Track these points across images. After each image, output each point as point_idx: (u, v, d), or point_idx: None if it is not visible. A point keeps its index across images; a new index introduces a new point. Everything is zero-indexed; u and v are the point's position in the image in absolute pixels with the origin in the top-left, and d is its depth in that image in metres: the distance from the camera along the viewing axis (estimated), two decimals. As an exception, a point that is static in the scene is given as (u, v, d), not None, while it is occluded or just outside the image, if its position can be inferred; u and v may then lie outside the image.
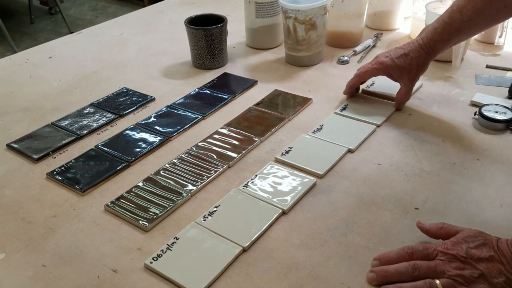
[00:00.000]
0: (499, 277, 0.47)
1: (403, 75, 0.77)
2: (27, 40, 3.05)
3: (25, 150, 0.74)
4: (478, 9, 0.69)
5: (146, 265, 0.54)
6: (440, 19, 0.74)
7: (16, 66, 1.02)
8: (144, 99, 0.87)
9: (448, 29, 0.72)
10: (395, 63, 0.76)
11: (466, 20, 0.70)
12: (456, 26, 0.72)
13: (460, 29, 0.72)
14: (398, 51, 0.77)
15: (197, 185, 0.66)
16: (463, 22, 0.71)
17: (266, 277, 0.53)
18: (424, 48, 0.75)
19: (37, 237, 0.59)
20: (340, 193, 0.64)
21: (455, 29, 0.72)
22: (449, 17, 0.72)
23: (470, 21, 0.70)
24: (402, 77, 0.77)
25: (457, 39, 0.75)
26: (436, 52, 0.75)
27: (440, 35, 0.73)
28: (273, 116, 0.80)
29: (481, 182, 0.65)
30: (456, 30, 0.72)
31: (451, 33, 0.73)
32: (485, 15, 0.70)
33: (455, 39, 0.74)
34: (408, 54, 0.76)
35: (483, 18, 0.70)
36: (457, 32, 0.72)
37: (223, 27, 0.94)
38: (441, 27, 0.73)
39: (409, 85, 0.78)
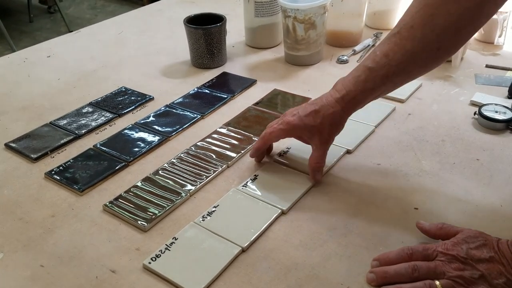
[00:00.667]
0: (499, 278, 0.47)
1: (314, 136, 0.64)
2: (26, 39, 3.05)
3: (23, 149, 0.74)
4: (408, 51, 0.58)
5: (145, 266, 0.54)
6: (361, 67, 0.62)
7: (15, 65, 1.02)
8: (143, 99, 0.87)
9: (373, 76, 0.60)
10: (303, 122, 0.63)
11: (394, 64, 0.59)
12: (382, 72, 0.60)
13: (387, 76, 0.60)
14: (307, 108, 0.64)
15: (196, 185, 0.65)
16: (391, 67, 0.59)
17: (265, 277, 0.53)
18: (340, 102, 0.62)
19: (35, 237, 0.59)
20: (339, 193, 0.64)
21: (381, 76, 0.60)
22: (373, 62, 0.60)
23: (399, 65, 0.59)
24: (312, 139, 0.64)
25: (382, 90, 0.62)
26: (355, 107, 0.63)
27: (364, 83, 0.61)
28: (272, 116, 0.80)
29: (480, 182, 0.65)
30: (383, 77, 0.60)
31: (375, 81, 0.60)
32: (416, 58, 0.59)
33: (380, 89, 0.61)
34: (319, 111, 0.63)
35: (413, 62, 0.59)
36: (383, 80, 0.60)
37: (222, 26, 0.94)
38: (364, 74, 0.61)
39: (321, 148, 0.64)
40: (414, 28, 0.58)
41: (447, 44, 0.59)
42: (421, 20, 0.57)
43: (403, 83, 0.63)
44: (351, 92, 0.62)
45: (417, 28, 0.57)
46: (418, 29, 0.57)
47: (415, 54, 0.59)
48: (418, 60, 0.59)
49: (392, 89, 0.63)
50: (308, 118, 0.63)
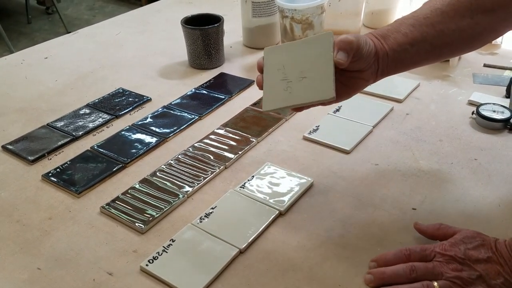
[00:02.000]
0: (497, 278, 0.47)
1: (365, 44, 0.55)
2: (24, 40, 3.05)
3: (20, 151, 0.74)
4: (437, 9, 0.57)
5: (142, 268, 0.54)
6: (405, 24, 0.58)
7: (12, 67, 1.01)
8: (140, 100, 0.87)
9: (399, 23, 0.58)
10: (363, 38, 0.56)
11: (421, 17, 0.57)
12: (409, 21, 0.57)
13: (413, 25, 0.57)
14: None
15: (194, 186, 0.65)
16: (418, 19, 0.57)
17: (263, 279, 0.52)
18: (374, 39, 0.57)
19: (32, 240, 0.59)
20: (337, 194, 0.64)
21: (408, 24, 0.57)
22: (402, 17, 0.59)
23: (427, 19, 0.57)
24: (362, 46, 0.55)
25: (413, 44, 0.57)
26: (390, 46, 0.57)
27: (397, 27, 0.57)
28: (270, 117, 0.80)
29: (478, 182, 0.65)
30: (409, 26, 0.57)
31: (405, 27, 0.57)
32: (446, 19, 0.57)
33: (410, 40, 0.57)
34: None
35: (443, 23, 0.57)
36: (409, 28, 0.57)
37: (219, 27, 0.94)
38: (392, 24, 0.58)
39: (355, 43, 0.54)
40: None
41: (480, 16, 0.57)
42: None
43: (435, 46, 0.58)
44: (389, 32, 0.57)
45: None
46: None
47: (445, 14, 0.56)
48: (449, 22, 0.57)
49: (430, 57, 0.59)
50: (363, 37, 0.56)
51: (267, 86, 0.56)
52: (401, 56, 0.57)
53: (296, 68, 0.55)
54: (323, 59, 0.54)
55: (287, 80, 0.55)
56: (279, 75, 0.56)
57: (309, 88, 0.54)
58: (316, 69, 0.54)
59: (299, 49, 0.56)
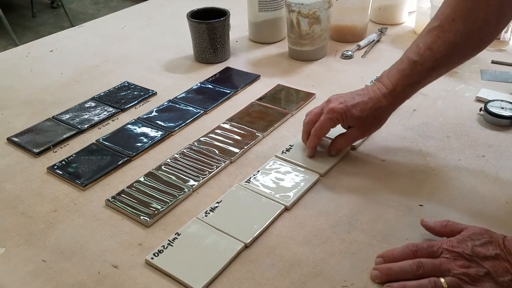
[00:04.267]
0: (505, 275, 0.46)
1: (355, 126, 0.65)
2: (29, 33, 3.05)
3: (25, 144, 0.73)
4: (451, 43, 0.59)
5: (147, 261, 0.54)
6: (405, 60, 0.62)
7: (17, 60, 1.01)
8: (145, 93, 0.87)
9: (418, 69, 0.61)
10: (350, 112, 0.63)
11: (439, 57, 0.60)
12: (428, 65, 0.60)
13: (433, 68, 0.61)
14: (355, 98, 0.63)
15: (199, 180, 0.65)
16: (436, 59, 0.60)
17: (268, 273, 0.52)
18: (387, 97, 0.62)
19: (37, 232, 0.58)
20: (343, 190, 0.63)
21: (427, 68, 0.61)
22: (417, 55, 0.61)
23: (443, 57, 0.60)
24: (353, 127, 0.65)
25: (427, 82, 0.63)
26: (401, 101, 0.64)
27: (410, 77, 0.61)
28: (275, 111, 0.80)
29: (486, 179, 0.64)
30: (429, 70, 0.61)
31: (422, 74, 0.61)
32: (459, 50, 0.60)
33: (425, 81, 0.62)
34: (368, 102, 0.63)
35: (457, 53, 0.61)
36: (429, 72, 0.61)
37: (225, 21, 0.93)
38: (409, 68, 0.61)
39: (353, 137, 0.66)
40: (456, 21, 0.59)
41: (488, 35, 0.60)
42: (462, 13, 0.59)
43: (445, 73, 0.64)
44: (399, 86, 0.62)
45: (458, 22, 0.59)
46: (460, 22, 0.59)
47: (459, 46, 0.60)
48: (462, 51, 0.61)
49: (433, 80, 0.64)
50: (355, 109, 0.63)
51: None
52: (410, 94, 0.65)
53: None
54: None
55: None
56: None
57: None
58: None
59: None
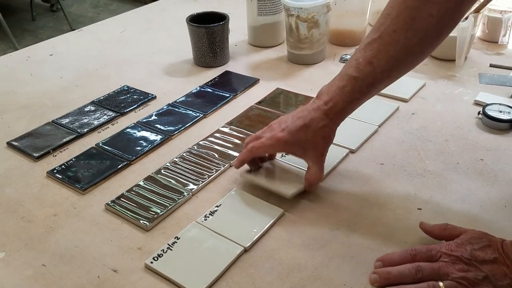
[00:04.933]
0: (503, 279, 0.47)
1: (307, 151, 0.61)
2: (29, 37, 3.05)
3: (25, 148, 0.74)
4: (392, 57, 0.57)
5: (147, 265, 0.54)
6: (344, 76, 0.60)
7: (17, 64, 1.02)
8: (145, 97, 0.87)
9: (359, 85, 0.58)
10: (294, 137, 0.60)
11: (379, 72, 0.58)
12: (368, 81, 0.58)
13: (373, 84, 0.59)
14: (296, 123, 0.61)
15: (198, 184, 0.65)
16: (376, 74, 0.58)
17: (267, 277, 0.52)
18: (329, 115, 0.60)
19: (37, 236, 0.59)
20: (342, 193, 0.63)
21: (367, 84, 0.58)
22: (357, 71, 0.58)
23: (384, 73, 0.58)
24: (307, 154, 0.62)
25: (367, 98, 0.61)
26: (343, 117, 0.61)
27: (350, 94, 0.59)
28: (275, 115, 0.80)
29: (484, 183, 0.64)
30: (369, 86, 0.59)
31: (362, 90, 0.59)
32: (399, 64, 0.58)
33: (366, 97, 0.60)
34: (309, 125, 0.60)
35: (396, 68, 0.59)
36: (369, 88, 0.59)
37: (225, 25, 0.94)
38: (349, 85, 0.59)
39: (317, 162, 0.62)
40: (397, 32, 0.56)
41: (429, 47, 0.58)
42: (403, 24, 0.56)
43: (384, 88, 0.62)
44: (339, 103, 0.59)
45: (400, 33, 0.56)
46: (401, 33, 0.56)
47: (399, 60, 0.57)
48: (402, 65, 0.59)
49: (372, 96, 0.62)
50: (299, 134, 0.60)
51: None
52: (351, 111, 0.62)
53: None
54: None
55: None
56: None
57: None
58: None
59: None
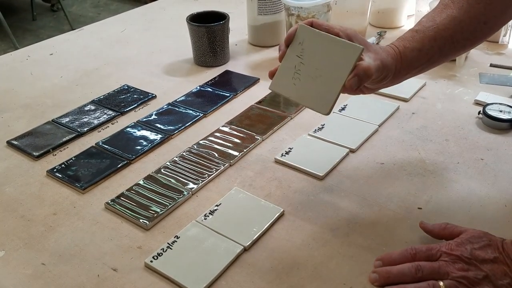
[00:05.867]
0: (503, 279, 0.47)
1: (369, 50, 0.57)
2: (29, 37, 3.05)
3: (25, 147, 0.74)
4: (455, 18, 0.58)
5: (147, 264, 0.54)
6: (408, 31, 0.61)
7: (17, 63, 1.02)
8: (145, 97, 0.87)
9: (420, 36, 0.59)
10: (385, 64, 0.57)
11: (442, 28, 0.58)
12: (429, 33, 0.58)
13: (434, 39, 0.58)
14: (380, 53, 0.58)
15: (198, 183, 0.65)
16: (439, 30, 0.58)
17: (267, 277, 0.52)
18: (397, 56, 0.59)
19: (37, 235, 0.59)
20: (342, 193, 0.63)
21: (428, 37, 0.59)
22: (419, 26, 0.60)
23: (446, 30, 0.58)
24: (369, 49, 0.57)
25: (429, 55, 0.59)
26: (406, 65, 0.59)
27: (410, 42, 0.59)
28: (275, 114, 0.80)
29: (485, 182, 0.64)
30: (430, 39, 0.58)
31: (424, 41, 0.59)
32: (463, 27, 0.58)
33: (428, 52, 0.59)
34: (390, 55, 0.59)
35: (460, 31, 0.58)
36: (431, 42, 0.58)
37: (225, 24, 0.94)
38: (410, 36, 0.59)
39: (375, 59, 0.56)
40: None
41: (493, 19, 0.59)
42: None
43: (450, 55, 0.61)
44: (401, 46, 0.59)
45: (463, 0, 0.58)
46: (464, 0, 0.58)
47: (462, 23, 0.58)
48: (465, 30, 0.59)
49: (439, 60, 0.61)
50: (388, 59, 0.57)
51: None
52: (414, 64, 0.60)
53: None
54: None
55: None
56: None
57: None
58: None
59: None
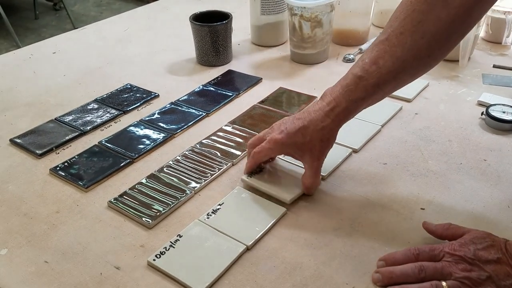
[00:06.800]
0: (507, 279, 0.46)
1: (304, 154, 0.60)
2: (31, 35, 3.06)
3: (28, 145, 0.74)
4: (398, 58, 0.56)
5: (149, 263, 0.54)
6: (349, 76, 0.58)
7: (20, 61, 1.02)
8: (148, 96, 0.87)
9: (363, 85, 0.57)
10: (291, 140, 0.59)
11: (385, 72, 0.56)
12: (373, 81, 0.56)
13: (378, 85, 0.57)
14: (295, 124, 0.60)
15: (201, 182, 0.65)
16: (382, 75, 0.56)
17: (270, 276, 0.52)
18: (330, 115, 0.58)
19: (40, 233, 0.59)
20: (345, 193, 0.63)
21: (372, 84, 0.57)
22: (362, 70, 0.57)
23: (390, 73, 0.56)
24: (303, 156, 0.61)
25: (373, 99, 0.59)
26: (346, 118, 0.59)
27: (354, 93, 0.57)
28: (277, 114, 0.80)
29: (488, 183, 0.64)
30: (374, 86, 0.57)
31: (367, 90, 0.57)
32: (406, 66, 0.56)
33: (371, 98, 0.58)
34: (308, 126, 0.59)
35: (403, 70, 0.57)
36: (374, 89, 0.57)
37: (228, 24, 0.94)
38: (353, 84, 0.57)
39: (313, 166, 0.60)
40: (404, 34, 0.55)
41: (438, 51, 0.57)
42: (410, 26, 0.55)
43: (392, 91, 0.60)
44: (342, 103, 0.58)
45: (407, 35, 0.55)
46: (408, 35, 0.55)
47: (406, 62, 0.56)
48: (409, 67, 0.57)
49: (381, 98, 0.60)
50: (296, 135, 0.59)
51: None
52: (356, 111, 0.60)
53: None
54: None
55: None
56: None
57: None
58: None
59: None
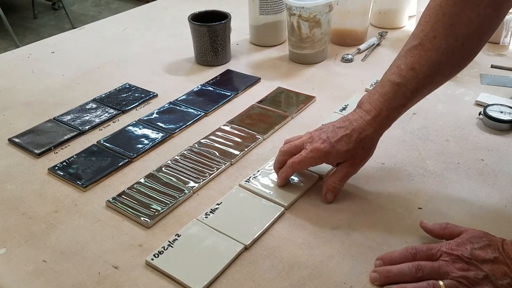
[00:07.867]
0: (503, 279, 0.47)
1: (345, 161, 0.61)
2: (30, 35, 3.06)
3: (26, 145, 0.74)
4: (434, 62, 0.57)
5: (147, 262, 0.54)
6: (387, 83, 0.59)
7: (19, 61, 1.02)
8: (146, 95, 0.87)
9: (402, 91, 0.58)
10: (335, 148, 0.59)
11: (422, 77, 0.57)
12: (411, 86, 0.57)
13: (417, 90, 0.58)
14: (337, 132, 0.60)
15: (199, 182, 0.65)
16: (420, 80, 0.57)
17: (267, 275, 0.52)
18: (372, 124, 0.59)
19: (38, 233, 0.59)
20: (343, 192, 0.63)
21: (411, 90, 0.58)
22: (400, 77, 0.58)
23: (427, 77, 0.58)
24: (342, 164, 0.61)
25: (411, 104, 0.60)
26: (386, 126, 0.60)
27: (394, 100, 0.58)
28: (276, 114, 0.80)
29: (485, 183, 0.64)
30: (413, 91, 0.58)
31: (406, 95, 0.58)
32: (442, 68, 0.58)
33: (411, 103, 0.60)
34: (351, 135, 0.59)
35: (440, 73, 0.58)
36: (413, 94, 0.58)
37: (226, 24, 0.94)
38: (393, 91, 0.58)
39: (348, 173, 0.61)
40: (437, 38, 0.57)
41: (470, 51, 0.59)
42: (443, 29, 0.57)
43: (428, 94, 0.61)
44: (383, 111, 0.59)
45: (440, 39, 0.57)
46: (442, 39, 0.57)
47: (442, 65, 0.58)
48: (444, 70, 0.59)
49: (418, 101, 0.61)
50: (340, 144, 0.59)
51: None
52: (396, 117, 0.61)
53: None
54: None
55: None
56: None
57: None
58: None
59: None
